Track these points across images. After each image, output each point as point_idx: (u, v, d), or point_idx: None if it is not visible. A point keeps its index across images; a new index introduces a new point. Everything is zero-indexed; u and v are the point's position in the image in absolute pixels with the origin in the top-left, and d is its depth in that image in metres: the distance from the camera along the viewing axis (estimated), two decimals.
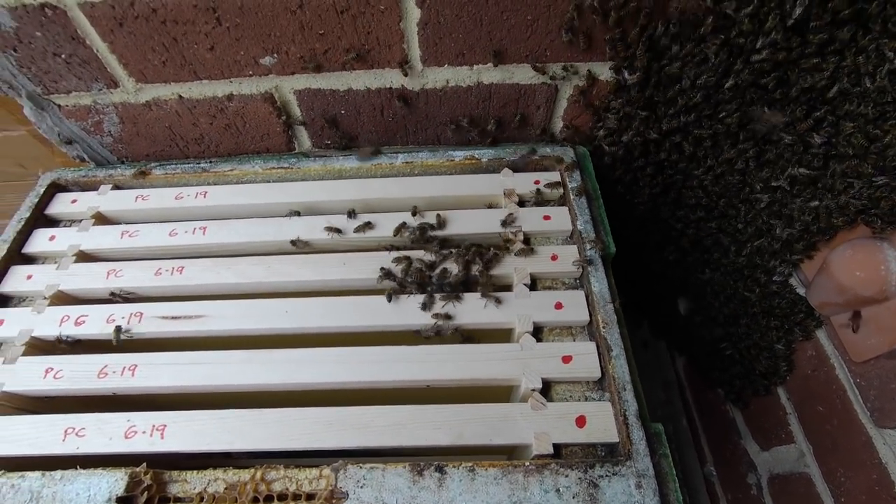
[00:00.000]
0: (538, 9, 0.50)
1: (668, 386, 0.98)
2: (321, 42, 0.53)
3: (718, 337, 0.82)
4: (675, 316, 0.94)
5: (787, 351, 0.69)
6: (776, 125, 0.57)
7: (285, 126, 0.63)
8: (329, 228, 0.56)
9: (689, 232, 0.77)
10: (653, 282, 0.91)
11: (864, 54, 0.48)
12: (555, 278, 0.53)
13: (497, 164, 0.61)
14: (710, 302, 0.81)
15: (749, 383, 0.77)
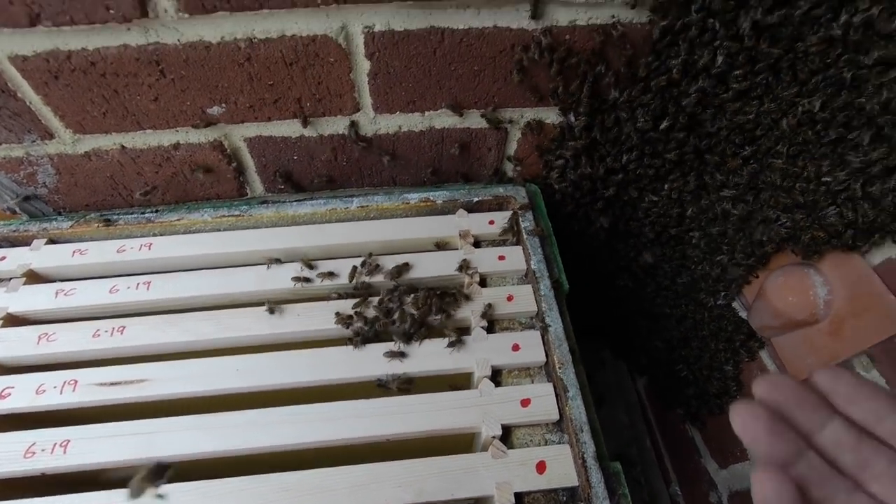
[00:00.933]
0: (483, 60, 0.52)
1: (630, 407, 1.00)
2: (271, 92, 0.53)
3: (673, 359, 0.85)
4: (634, 339, 0.97)
5: (735, 371, 0.72)
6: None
7: (236, 172, 0.62)
8: (297, 279, 0.55)
9: (640, 260, 0.80)
10: (611, 307, 0.94)
11: (778, 101, 0.53)
12: (511, 318, 0.54)
13: (452, 205, 0.62)
14: (664, 325, 0.84)
15: (704, 403, 0.80)
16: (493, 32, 0.50)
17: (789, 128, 0.53)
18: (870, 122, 0.46)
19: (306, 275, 0.55)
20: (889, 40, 0.43)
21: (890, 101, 0.44)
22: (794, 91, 0.52)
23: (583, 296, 0.91)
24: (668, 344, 0.85)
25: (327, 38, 0.49)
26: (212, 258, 0.57)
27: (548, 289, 0.54)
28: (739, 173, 0.60)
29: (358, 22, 0.48)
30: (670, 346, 0.84)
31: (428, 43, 0.50)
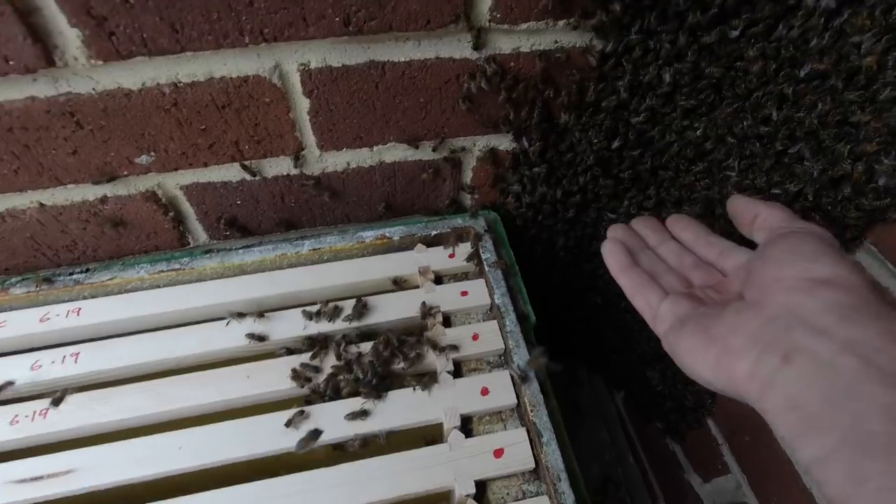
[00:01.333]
0: (429, 92, 0.51)
1: (609, 423, 0.99)
2: (204, 137, 0.50)
3: (648, 374, 0.84)
4: (608, 354, 0.96)
5: None
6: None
7: (175, 222, 0.58)
8: (252, 336, 0.50)
9: (606, 277, 0.79)
10: (582, 323, 0.93)
11: (722, 117, 0.53)
12: (479, 358, 0.51)
13: (409, 240, 0.59)
14: (636, 339, 0.83)
15: (682, 417, 0.79)
16: (435, 63, 0.48)
17: (736, 141, 0.53)
18: (809, 135, 0.46)
19: (259, 331, 0.51)
20: (821, 54, 0.43)
21: (826, 114, 0.44)
22: (735, 107, 0.52)
23: (553, 315, 0.90)
24: (641, 358, 0.85)
25: (260, 78, 0.46)
26: (150, 320, 0.52)
27: (514, 324, 0.51)
28: (695, 188, 0.60)
29: (292, 60, 0.45)
30: (644, 360, 0.84)
31: (369, 77, 0.48)
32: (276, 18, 0.41)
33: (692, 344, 0.34)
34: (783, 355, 0.28)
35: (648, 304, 0.40)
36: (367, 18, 0.43)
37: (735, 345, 0.31)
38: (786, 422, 0.27)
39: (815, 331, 0.28)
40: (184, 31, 0.41)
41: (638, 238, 0.46)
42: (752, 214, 0.38)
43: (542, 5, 0.45)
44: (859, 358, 0.25)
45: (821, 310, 0.28)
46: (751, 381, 0.29)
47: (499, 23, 0.46)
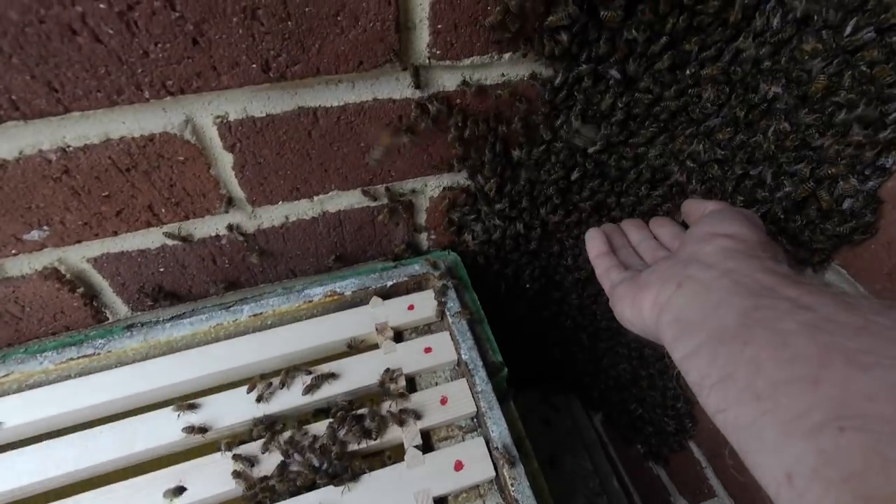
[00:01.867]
0: (370, 136, 0.46)
1: (591, 449, 0.96)
2: (109, 204, 0.42)
3: (625, 398, 0.82)
4: (582, 378, 0.93)
5: (688, 407, 0.70)
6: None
7: (86, 298, 0.50)
8: (190, 429, 0.43)
9: (575, 303, 0.77)
10: (555, 348, 0.90)
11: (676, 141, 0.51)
12: (450, 425, 0.46)
13: (363, 294, 0.54)
14: (614, 364, 0.81)
15: (664, 440, 0.77)
16: (374, 106, 0.43)
17: (696, 165, 0.51)
18: (769, 158, 0.45)
19: (197, 421, 0.43)
20: (772, 75, 0.42)
21: (784, 138, 0.43)
22: (690, 132, 0.50)
23: (524, 342, 0.86)
24: (617, 382, 0.82)
25: (169, 135, 0.39)
26: (57, 421, 0.44)
27: (484, 381, 0.47)
28: (657, 213, 0.58)
29: (206, 112, 0.39)
30: (620, 384, 0.81)
31: (299, 125, 0.43)
32: (179, 69, 0.35)
33: (623, 291, 0.41)
34: (677, 284, 0.34)
35: (610, 282, 0.45)
36: (290, 63, 0.38)
37: (647, 283, 0.38)
38: (669, 331, 0.33)
39: (704, 265, 0.34)
40: (65, 90, 0.34)
41: (622, 235, 0.51)
42: (701, 211, 0.44)
43: (484, 40, 0.41)
44: (731, 280, 0.31)
45: (714, 252, 0.35)
46: (652, 308, 0.36)
47: (439, 59, 0.42)
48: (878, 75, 0.35)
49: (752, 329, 0.27)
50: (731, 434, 0.26)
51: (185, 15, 0.33)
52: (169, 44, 0.34)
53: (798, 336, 0.25)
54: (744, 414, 0.25)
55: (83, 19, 0.31)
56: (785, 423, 0.23)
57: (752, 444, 0.24)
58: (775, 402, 0.24)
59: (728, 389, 0.26)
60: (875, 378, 0.21)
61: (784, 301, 0.27)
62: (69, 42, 0.32)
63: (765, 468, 0.24)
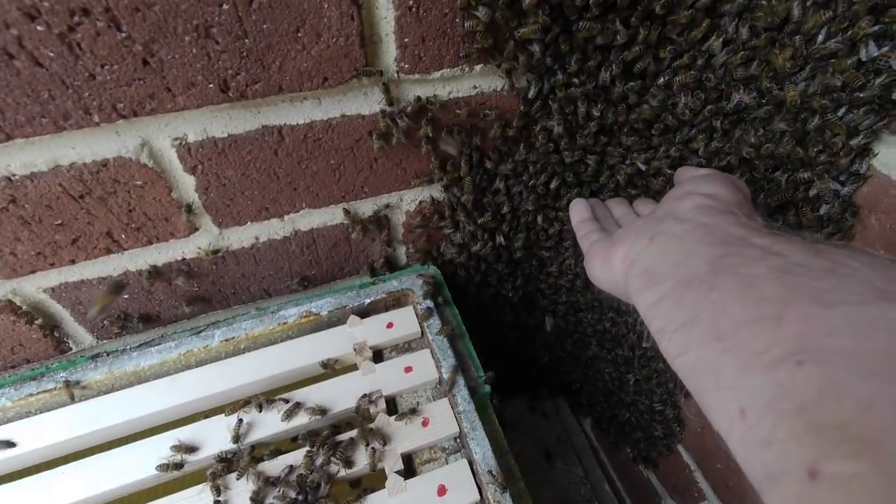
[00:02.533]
0: (340, 153, 0.44)
1: (581, 454, 0.96)
2: (63, 233, 0.40)
3: (613, 403, 0.81)
4: (570, 385, 0.93)
5: (675, 411, 0.70)
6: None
7: (45, 329, 0.47)
8: (165, 466, 0.41)
9: (559, 311, 0.76)
10: (542, 354, 0.89)
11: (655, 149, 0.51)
12: (432, 447, 0.45)
13: (340, 314, 0.52)
14: (601, 370, 0.80)
15: (652, 445, 0.77)
16: (342, 122, 0.42)
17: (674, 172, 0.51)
18: (744, 162, 0.45)
19: (175, 458, 0.41)
20: (745, 83, 0.42)
21: (758, 146, 0.42)
22: (666, 137, 0.50)
23: (510, 349, 0.85)
24: (604, 387, 0.82)
25: (124, 159, 0.37)
26: (15, 463, 0.42)
27: (466, 401, 0.46)
28: None
29: (162, 135, 0.37)
30: (607, 389, 0.81)
31: (264, 145, 0.41)
32: (130, 91, 0.33)
33: (596, 248, 0.41)
34: (650, 238, 0.34)
35: (589, 242, 0.44)
36: (250, 82, 0.36)
37: (620, 238, 0.38)
38: (637, 282, 0.33)
39: (678, 220, 0.34)
40: (6, 116, 0.32)
41: (606, 209, 0.51)
42: (693, 173, 0.41)
43: (454, 52, 0.40)
44: (704, 231, 0.31)
45: (689, 209, 0.34)
46: (622, 262, 0.36)
47: (408, 73, 0.40)
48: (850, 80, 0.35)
49: (719, 274, 0.27)
50: (688, 377, 0.26)
51: (132, 35, 0.31)
52: (117, 66, 0.32)
53: (765, 279, 0.25)
54: (704, 355, 0.25)
55: (20, 42, 0.29)
56: (744, 360, 0.23)
57: (708, 383, 0.24)
58: (736, 341, 0.24)
59: (690, 332, 0.26)
60: (838, 314, 0.21)
61: (755, 248, 0.27)
62: (6, 67, 0.30)
63: (718, 406, 0.24)
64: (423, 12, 0.37)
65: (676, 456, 0.73)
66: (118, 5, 0.30)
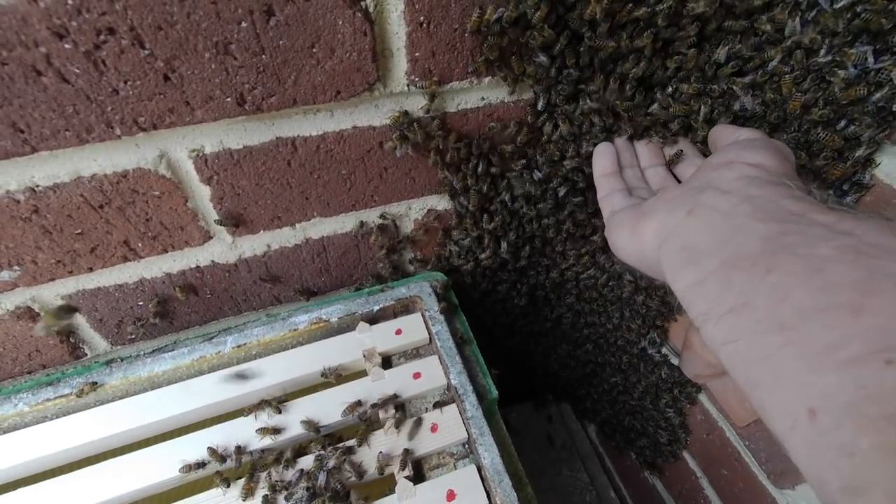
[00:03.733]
0: (350, 163, 0.45)
1: (587, 460, 0.96)
2: (82, 242, 0.41)
3: (618, 410, 0.82)
4: (576, 389, 0.93)
5: (680, 418, 0.70)
6: None
7: (63, 335, 0.48)
8: (189, 467, 0.41)
9: (566, 319, 0.77)
10: (547, 359, 0.90)
11: None
12: (441, 452, 0.45)
13: (350, 320, 0.53)
14: (608, 377, 0.81)
15: (658, 452, 0.77)
16: (353, 134, 0.43)
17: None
18: None
19: (198, 458, 0.42)
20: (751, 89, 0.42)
21: None
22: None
23: (517, 355, 0.86)
24: (609, 394, 0.82)
25: (143, 170, 0.39)
26: (34, 466, 0.42)
27: (474, 407, 0.46)
28: None
29: (180, 147, 0.39)
30: (612, 396, 0.81)
31: (278, 156, 0.42)
32: (151, 106, 0.35)
33: (622, 218, 0.37)
34: (688, 210, 0.31)
35: (611, 207, 0.41)
36: (266, 95, 0.37)
37: (651, 209, 0.34)
38: (674, 259, 0.30)
39: (721, 191, 0.30)
40: (32, 130, 0.33)
41: (633, 154, 0.46)
42: (730, 138, 0.38)
43: (463, 65, 0.41)
44: (753, 206, 0.28)
45: (734, 179, 0.31)
46: (655, 236, 0.33)
47: (419, 86, 0.41)
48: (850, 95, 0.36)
49: (777, 255, 0.24)
50: (738, 367, 0.24)
51: (154, 52, 0.32)
52: (139, 81, 0.33)
53: (835, 262, 0.22)
54: (761, 345, 0.22)
55: (48, 60, 0.30)
56: (813, 354, 0.20)
57: (765, 377, 0.22)
58: (803, 332, 0.21)
59: (743, 318, 0.23)
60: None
61: (817, 226, 0.24)
62: (34, 83, 0.31)
63: (778, 403, 0.21)
64: (433, 27, 0.38)
65: (682, 462, 0.73)
66: (142, 24, 0.31)
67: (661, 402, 0.71)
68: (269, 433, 0.43)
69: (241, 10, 0.32)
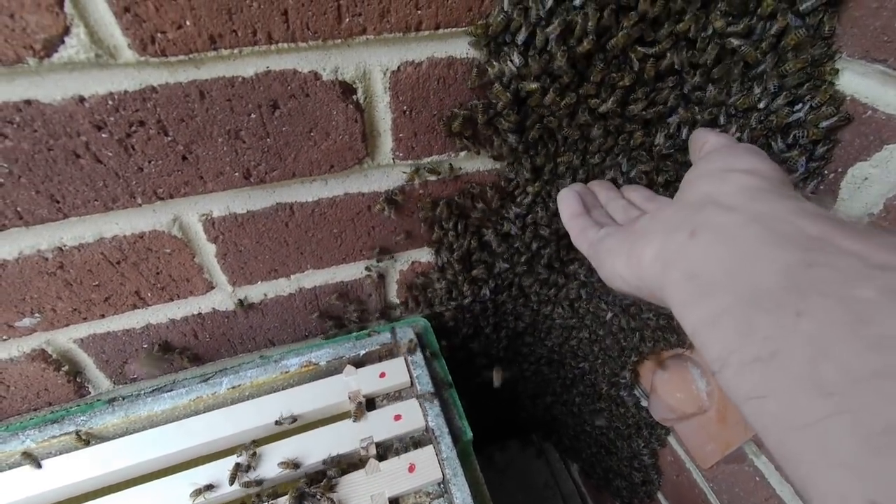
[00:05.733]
0: (342, 223, 0.51)
1: (569, 500, 0.97)
2: (98, 292, 0.46)
3: (597, 450, 0.85)
4: (560, 430, 0.96)
5: (652, 459, 0.73)
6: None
7: (70, 375, 0.52)
8: (198, 491, 0.45)
9: (542, 360, 0.81)
10: (530, 400, 0.93)
11: None
12: (417, 491, 0.49)
13: (337, 364, 0.57)
14: (586, 420, 0.84)
15: (634, 492, 0.79)
16: (344, 199, 0.49)
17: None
18: None
19: (206, 481, 0.45)
20: None
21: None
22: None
23: (497, 397, 0.89)
24: (588, 433, 0.85)
25: (158, 232, 0.44)
26: (39, 500, 0.46)
27: (449, 448, 0.50)
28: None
29: (192, 212, 0.44)
30: (591, 438, 0.84)
31: (277, 219, 0.48)
32: (170, 180, 0.40)
33: (612, 244, 0.35)
34: (690, 232, 0.28)
35: (588, 241, 0.39)
36: (269, 170, 0.43)
37: (649, 231, 0.32)
38: (681, 290, 0.26)
39: (724, 208, 0.27)
40: (66, 201, 0.39)
41: (593, 195, 0.47)
42: (702, 141, 0.37)
43: (441, 143, 0.47)
44: (763, 227, 0.24)
45: (734, 192, 0.28)
46: (654, 262, 0.29)
47: (402, 160, 0.47)
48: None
49: (807, 295, 0.20)
50: (769, 430, 0.20)
51: (176, 139, 0.38)
52: (161, 161, 0.39)
53: (883, 309, 0.18)
54: (799, 409, 0.19)
55: (87, 146, 0.36)
56: (874, 434, 0.17)
57: (807, 451, 0.18)
58: (858, 402, 0.17)
59: (773, 372, 0.20)
60: None
61: (847, 257, 0.21)
62: (72, 164, 0.37)
63: (829, 490, 0.18)
64: (415, 114, 0.44)
65: (657, 503, 0.76)
66: (168, 118, 0.37)
67: (633, 443, 0.74)
68: (253, 486, 0.46)
69: (251, 105, 0.38)
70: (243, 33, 0.34)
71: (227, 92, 0.37)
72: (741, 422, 0.56)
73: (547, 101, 0.43)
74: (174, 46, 0.33)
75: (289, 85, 0.38)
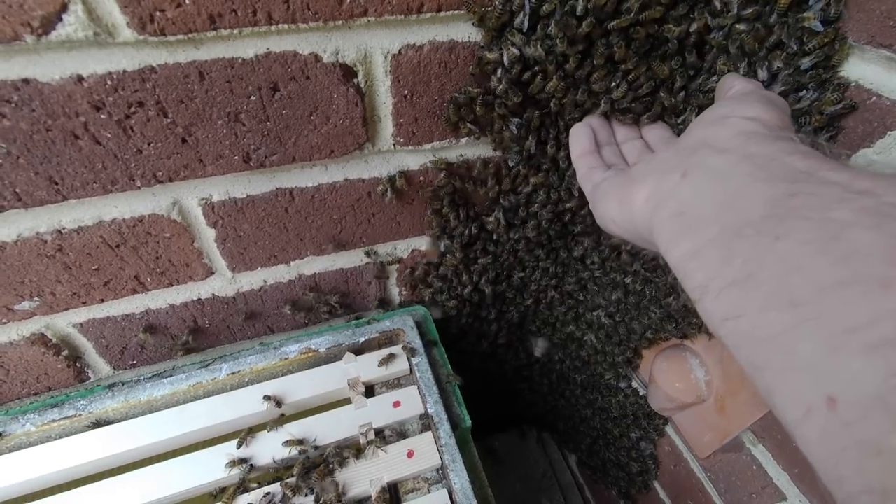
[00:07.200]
0: (342, 210, 0.51)
1: (567, 491, 0.98)
2: (98, 276, 0.46)
3: (595, 440, 0.85)
4: (557, 421, 0.96)
5: (651, 449, 0.73)
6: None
7: (70, 360, 0.52)
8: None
9: (536, 352, 0.81)
10: (527, 391, 0.93)
11: None
12: (416, 477, 0.49)
13: (337, 351, 0.57)
14: (583, 412, 0.84)
15: (631, 482, 0.80)
16: (345, 185, 0.49)
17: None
18: None
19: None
20: None
21: None
22: None
23: (495, 387, 0.89)
24: (586, 423, 0.86)
25: (157, 216, 0.44)
26: (37, 483, 0.46)
27: (448, 435, 0.50)
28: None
29: (192, 195, 0.44)
30: (590, 427, 0.85)
31: (277, 204, 0.47)
32: (169, 163, 0.40)
33: (608, 187, 0.35)
34: (682, 173, 0.28)
35: (592, 183, 0.38)
36: (269, 154, 0.43)
37: (641, 174, 0.32)
38: (668, 227, 0.27)
39: (717, 150, 0.27)
40: (65, 183, 0.38)
41: (609, 131, 0.45)
42: (728, 87, 0.35)
43: (442, 128, 0.47)
44: (754, 164, 0.25)
45: (730, 136, 0.28)
46: (646, 203, 0.30)
47: (403, 146, 0.47)
48: None
49: (786, 220, 0.21)
50: (741, 347, 0.21)
51: (175, 120, 0.38)
52: (160, 143, 0.39)
53: (856, 227, 0.19)
54: (768, 322, 0.20)
55: (85, 127, 0.36)
56: (833, 335, 0.18)
57: (773, 359, 0.20)
58: (820, 309, 0.18)
59: (748, 292, 0.21)
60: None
61: (830, 186, 0.21)
62: (71, 145, 0.37)
63: (790, 389, 0.19)
64: (416, 98, 0.44)
65: (654, 493, 0.76)
66: (167, 99, 0.36)
67: (631, 433, 0.75)
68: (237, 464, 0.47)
69: (251, 87, 0.38)
70: (243, 13, 0.34)
71: (227, 73, 0.37)
72: (739, 411, 0.56)
73: (549, 88, 0.43)
74: (173, 25, 0.33)
75: (289, 67, 0.38)
